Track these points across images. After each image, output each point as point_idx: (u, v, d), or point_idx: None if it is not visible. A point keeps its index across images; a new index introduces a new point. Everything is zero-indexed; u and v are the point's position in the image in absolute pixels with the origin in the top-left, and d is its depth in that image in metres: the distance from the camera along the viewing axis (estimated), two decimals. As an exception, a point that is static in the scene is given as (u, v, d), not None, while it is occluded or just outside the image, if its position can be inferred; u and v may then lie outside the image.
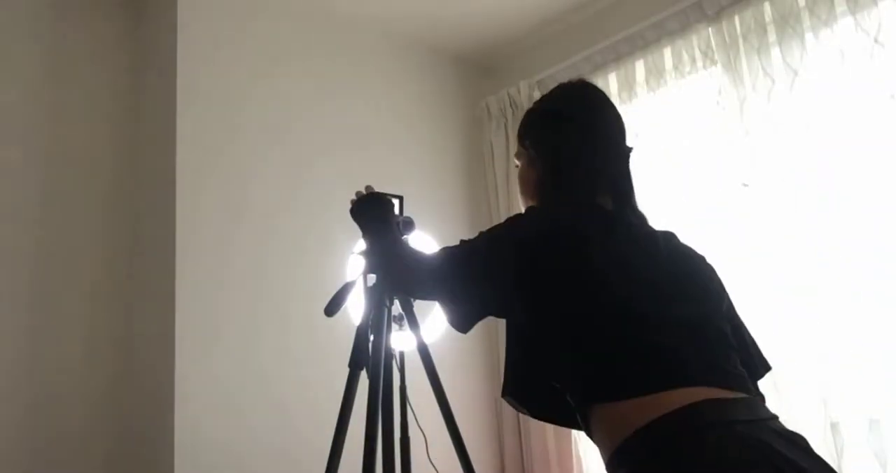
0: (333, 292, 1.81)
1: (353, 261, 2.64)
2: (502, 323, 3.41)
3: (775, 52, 2.37)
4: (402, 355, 1.99)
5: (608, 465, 1.08)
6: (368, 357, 1.83)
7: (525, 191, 1.40)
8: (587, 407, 1.11)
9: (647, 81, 2.71)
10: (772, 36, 2.38)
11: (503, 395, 1.27)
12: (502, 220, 3.26)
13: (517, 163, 1.42)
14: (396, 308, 1.95)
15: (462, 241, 1.31)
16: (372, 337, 1.86)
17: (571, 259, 1.15)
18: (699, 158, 2.56)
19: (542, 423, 2.85)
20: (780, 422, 1.08)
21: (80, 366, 2.37)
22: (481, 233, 1.28)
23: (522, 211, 1.35)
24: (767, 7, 2.39)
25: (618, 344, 1.09)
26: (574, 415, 1.16)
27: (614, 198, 1.30)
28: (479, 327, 3.52)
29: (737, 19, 2.47)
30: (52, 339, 2.34)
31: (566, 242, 1.16)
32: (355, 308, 2.18)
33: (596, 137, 1.31)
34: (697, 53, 2.57)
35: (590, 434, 1.13)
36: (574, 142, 1.30)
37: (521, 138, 1.40)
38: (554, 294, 1.15)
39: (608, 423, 1.07)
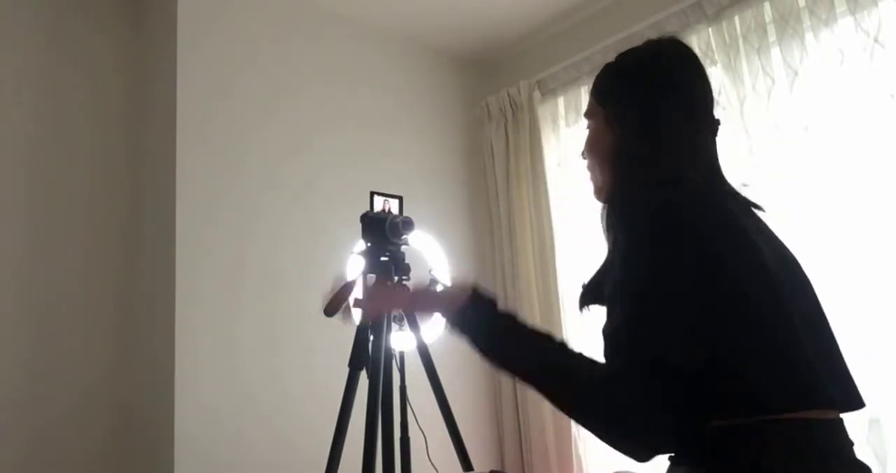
0: (334, 291, 1.82)
1: (352, 261, 2.65)
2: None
3: (775, 51, 2.37)
4: (402, 355, 1.98)
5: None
6: (368, 357, 1.84)
7: (595, 153, 1.20)
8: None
9: (647, 81, 2.71)
10: (772, 36, 2.38)
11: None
12: (501, 220, 3.22)
13: (588, 122, 1.23)
14: (396, 308, 1.95)
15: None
16: (372, 337, 1.86)
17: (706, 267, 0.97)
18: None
19: (542, 423, 2.85)
20: (854, 451, 1.01)
21: (80, 360, 2.38)
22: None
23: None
24: (767, 7, 2.39)
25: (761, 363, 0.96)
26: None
27: (705, 176, 1.14)
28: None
29: (737, 19, 2.47)
30: (52, 333, 2.34)
31: (697, 248, 0.98)
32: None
33: (694, 105, 1.15)
34: (697, 53, 2.57)
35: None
36: (667, 107, 1.13)
37: (600, 95, 1.20)
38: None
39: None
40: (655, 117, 1.13)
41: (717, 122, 1.17)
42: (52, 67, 2.51)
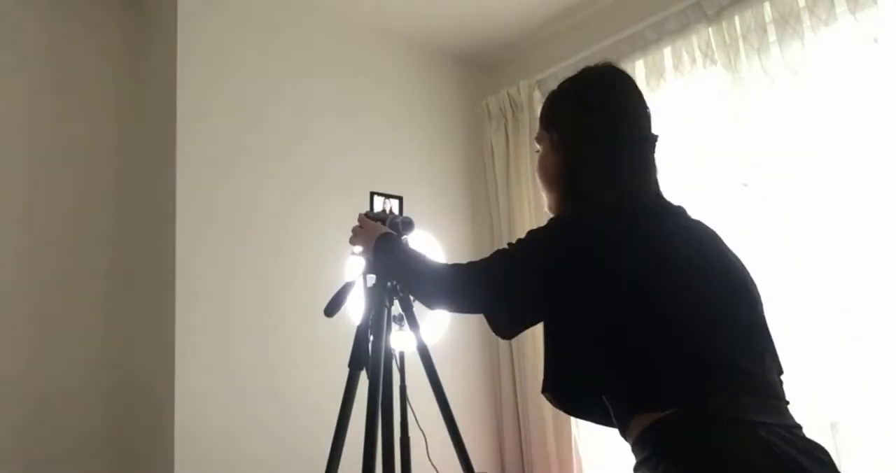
0: (333, 292, 1.82)
1: (352, 261, 2.65)
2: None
3: (775, 52, 2.37)
4: (402, 355, 1.98)
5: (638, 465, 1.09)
6: (368, 357, 1.83)
7: (544, 178, 1.34)
8: (630, 416, 1.10)
9: (648, 81, 2.71)
10: (772, 36, 2.38)
11: (543, 391, 1.20)
12: (501, 220, 3.23)
13: (538, 147, 1.37)
14: (396, 308, 1.95)
15: (493, 256, 1.26)
16: (372, 337, 1.86)
17: (607, 265, 1.11)
18: (699, 158, 2.55)
19: (542, 423, 2.85)
20: (803, 432, 1.08)
21: (79, 361, 2.38)
22: (514, 245, 1.24)
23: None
24: (767, 7, 2.39)
25: (662, 355, 1.07)
26: (610, 415, 1.16)
27: (640, 189, 1.26)
28: (478, 327, 3.51)
29: (737, 19, 2.47)
30: (50, 332, 2.35)
31: (598, 249, 1.13)
32: (355, 308, 2.18)
33: (624, 125, 1.27)
34: (697, 53, 2.57)
35: (625, 437, 1.13)
36: (602, 130, 1.26)
37: (545, 122, 1.34)
38: (595, 303, 1.12)
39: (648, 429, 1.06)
40: (593, 142, 1.26)
41: (655, 138, 1.29)
42: (51, 63, 2.51)
